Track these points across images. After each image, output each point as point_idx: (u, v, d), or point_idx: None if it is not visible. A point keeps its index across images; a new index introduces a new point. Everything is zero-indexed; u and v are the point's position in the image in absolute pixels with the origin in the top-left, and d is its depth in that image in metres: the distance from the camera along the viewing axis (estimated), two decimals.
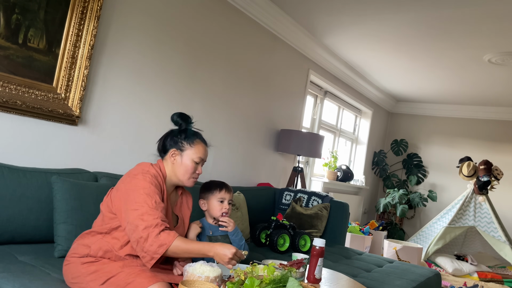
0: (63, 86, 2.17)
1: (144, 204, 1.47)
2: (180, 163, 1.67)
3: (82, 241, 1.58)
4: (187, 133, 1.70)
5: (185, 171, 1.67)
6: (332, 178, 5.10)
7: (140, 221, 1.44)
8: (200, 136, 1.74)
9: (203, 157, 1.70)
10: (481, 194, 4.76)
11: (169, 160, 1.68)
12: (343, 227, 3.28)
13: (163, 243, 1.42)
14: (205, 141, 1.75)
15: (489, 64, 4.21)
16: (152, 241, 1.42)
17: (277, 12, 3.64)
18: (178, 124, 1.72)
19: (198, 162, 1.69)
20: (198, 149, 1.69)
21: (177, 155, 1.68)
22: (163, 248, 1.42)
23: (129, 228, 1.47)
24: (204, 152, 1.71)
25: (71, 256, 1.56)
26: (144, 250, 1.43)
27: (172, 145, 1.69)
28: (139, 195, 1.49)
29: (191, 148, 1.68)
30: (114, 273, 1.45)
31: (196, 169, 1.69)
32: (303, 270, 1.71)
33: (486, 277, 4.37)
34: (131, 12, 2.51)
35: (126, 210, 1.49)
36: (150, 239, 1.42)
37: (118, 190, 1.57)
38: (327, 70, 4.83)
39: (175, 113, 1.73)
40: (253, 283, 1.26)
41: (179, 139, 1.69)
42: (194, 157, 1.67)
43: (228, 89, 3.39)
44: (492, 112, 6.06)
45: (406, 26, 3.59)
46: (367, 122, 6.23)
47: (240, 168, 3.64)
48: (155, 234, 1.42)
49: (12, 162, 2.02)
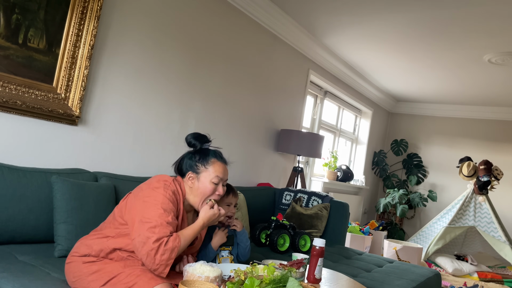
0: (63, 86, 2.17)
1: (159, 219, 1.45)
2: (198, 186, 1.61)
3: (85, 241, 1.57)
4: (202, 154, 1.65)
5: (203, 193, 1.61)
6: (332, 178, 5.10)
7: (152, 233, 1.42)
8: (217, 155, 1.67)
9: (221, 176, 1.63)
10: (481, 194, 4.76)
11: (188, 183, 1.64)
12: (343, 227, 3.28)
13: (174, 246, 1.43)
14: (223, 159, 1.68)
15: (489, 64, 4.21)
16: (163, 251, 1.41)
17: (277, 12, 3.64)
18: (192, 145, 1.67)
19: (217, 183, 1.63)
20: (214, 168, 1.62)
21: (194, 179, 1.62)
22: (175, 252, 1.43)
23: (139, 240, 1.43)
24: (222, 171, 1.64)
25: (73, 255, 1.55)
26: (157, 262, 1.41)
27: (188, 168, 1.64)
28: (156, 209, 1.47)
29: (206, 169, 1.62)
30: (115, 273, 1.45)
31: (215, 190, 1.63)
32: (303, 270, 1.71)
33: (486, 277, 4.37)
34: (131, 12, 2.51)
35: (140, 222, 1.46)
36: (161, 249, 1.41)
37: (136, 199, 1.54)
38: (327, 70, 4.83)
39: (189, 134, 1.68)
40: (253, 283, 1.26)
41: (193, 161, 1.64)
42: (211, 178, 1.61)
43: (228, 89, 3.39)
44: (492, 112, 6.06)
45: (406, 26, 3.59)
46: (367, 122, 6.23)
47: (240, 168, 3.64)
48: (164, 244, 1.42)
49: (12, 162, 2.02)
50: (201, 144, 1.67)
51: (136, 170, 2.64)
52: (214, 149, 1.70)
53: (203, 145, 1.67)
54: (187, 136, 1.68)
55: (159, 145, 2.80)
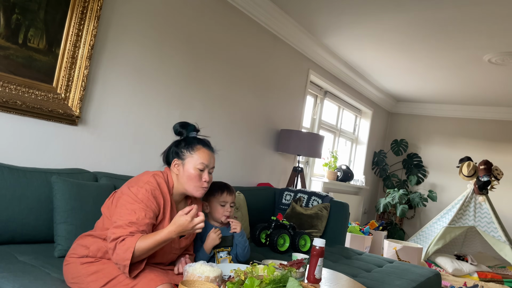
0: (63, 86, 2.17)
1: (123, 219, 1.45)
2: (183, 173, 1.61)
3: (82, 241, 1.57)
4: (188, 141, 1.65)
5: (189, 180, 1.60)
6: (332, 178, 5.10)
7: (112, 233, 1.42)
8: (203, 142, 1.67)
9: (206, 162, 1.62)
10: (481, 194, 4.76)
11: (174, 170, 1.64)
12: (343, 227, 3.28)
13: (128, 246, 1.38)
14: (209, 146, 1.68)
15: (489, 64, 4.21)
16: (119, 249, 1.39)
17: (277, 12, 3.64)
18: (179, 133, 1.68)
19: (202, 169, 1.62)
20: (199, 155, 1.62)
21: (179, 165, 1.62)
22: (129, 252, 1.37)
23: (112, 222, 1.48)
24: (207, 158, 1.63)
25: (70, 256, 1.55)
26: (115, 260, 1.41)
27: (173, 155, 1.65)
28: (125, 209, 1.47)
29: (191, 155, 1.62)
30: (115, 274, 1.44)
31: (201, 177, 1.62)
32: (303, 270, 1.71)
33: (486, 277, 4.37)
34: (131, 12, 2.51)
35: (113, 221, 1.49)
36: (117, 248, 1.40)
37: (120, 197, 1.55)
38: (327, 70, 4.83)
39: (177, 122, 1.69)
40: (253, 283, 1.26)
41: (179, 148, 1.64)
42: (196, 164, 1.61)
43: (228, 89, 3.39)
44: (492, 112, 6.06)
45: (406, 26, 3.59)
46: (367, 122, 6.23)
47: (240, 168, 3.64)
48: (119, 242, 1.40)
49: (12, 162, 2.02)
50: (188, 132, 1.67)
51: (136, 170, 2.63)
52: (201, 137, 1.70)
53: (190, 133, 1.67)
54: (175, 125, 1.69)
55: (159, 145, 2.80)
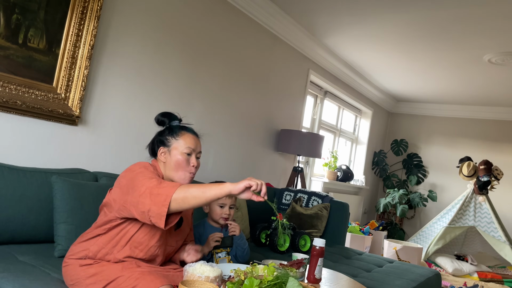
0: (63, 86, 2.17)
1: (147, 183, 1.41)
2: (170, 160, 1.59)
3: (81, 242, 1.56)
4: (171, 128, 1.64)
5: (177, 165, 1.58)
6: (332, 178, 5.10)
7: (149, 182, 1.39)
8: (187, 128, 1.66)
9: (192, 146, 1.60)
10: (481, 194, 4.76)
11: (161, 160, 1.62)
12: (343, 227, 3.28)
13: (173, 185, 1.35)
14: (193, 131, 1.66)
15: (489, 64, 4.21)
16: (158, 190, 1.35)
17: (277, 12, 3.64)
18: (161, 123, 1.66)
19: (190, 153, 1.60)
20: (184, 140, 1.60)
21: (165, 153, 1.60)
22: (174, 188, 1.34)
23: (133, 191, 1.40)
24: (193, 142, 1.61)
25: (69, 258, 1.54)
26: (153, 202, 1.34)
27: (158, 144, 1.63)
28: (142, 180, 1.42)
29: (176, 141, 1.59)
30: (114, 277, 1.42)
31: (189, 161, 1.60)
32: (303, 270, 1.71)
33: (486, 277, 4.37)
34: (131, 12, 2.51)
35: (132, 186, 1.42)
36: (155, 190, 1.35)
37: (120, 186, 1.50)
38: (327, 70, 4.83)
39: (158, 113, 1.67)
40: (252, 283, 1.25)
41: (163, 136, 1.63)
42: (182, 149, 1.58)
43: (228, 89, 3.39)
44: (492, 112, 6.06)
45: (406, 26, 3.59)
46: (367, 122, 6.23)
47: (240, 168, 3.64)
48: (157, 184, 1.37)
49: (12, 162, 2.02)
50: (170, 120, 1.66)
51: None
52: (185, 125, 1.68)
53: (172, 122, 1.66)
54: (156, 116, 1.67)
55: None
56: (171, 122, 1.66)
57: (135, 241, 1.50)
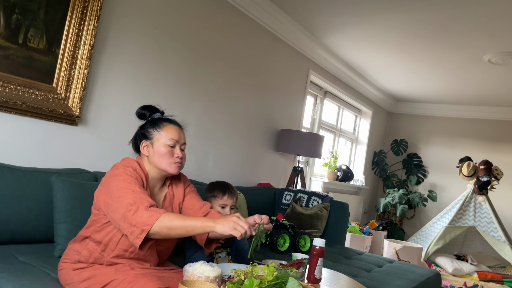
0: (63, 86, 2.17)
1: (128, 191, 1.40)
2: (153, 153, 1.55)
3: (73, 246, 1.54)
4: (152, 120, 1.60)
5: (160, 157, 1.54)
6: (332, 178, 5.10)
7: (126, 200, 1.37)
8: (169, 120, 1.61)
9: (176, 138, 1.56)
10: (481, 194, 4.76)
11: (144, 154, 1.58)
12: (343, 227, 3.28)
13: (154, 213, 1.33)
14: (176, 123, 1.62)
15: (489, 64, 4.21)
16: (142, 212, 1.33)
17: (277, 12, 3.64)
18: (142, 116, 1.63)
19: (173, 145, 1.56)
20: (167, 131, 1.56)
21: (148, 146, 1.57)
22: (154, 218, 1.31)
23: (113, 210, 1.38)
24: (176, 133, 1.57)
25: (63, 261, 1.53)
26: (133, 223, 1.33)
27: (141, 138, 1.60)
28: (121, 188, 1.41)
29: (158, 133, 1.56)
30: (107, 281, 1.41)
31: (173, 153, 1.55)
32: (303, 270, 1.71)
33: (486, 277, 4.37)
34: (131, 12, 2.51)
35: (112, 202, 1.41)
36: (140, 210, 1.33)
37: (102, 185, 1.49)
38: (327, 70, 4.83)
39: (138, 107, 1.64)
40: (252, 283, 1.25)
41: (145, 129, 1.59)
42: (165, 141, 1.54)
43: (228, 89, 3.39)
44: (492, 112, 6.06)
45: (406, 26, 3.59)
46: (367, 122, 6.23)
47: (240, 168, 3.64)
48: (144, 206, 1.34)
49: (12, 162, 2.02)
50: (151, 113, 1.62)
51: None
52: (167, 117, 1.64)
53: (153, 114, 1.62)
54: (137, 110, 1.63)
55: None
56: (153, 115, 1.62)
57: (124, 244, 1.47)
